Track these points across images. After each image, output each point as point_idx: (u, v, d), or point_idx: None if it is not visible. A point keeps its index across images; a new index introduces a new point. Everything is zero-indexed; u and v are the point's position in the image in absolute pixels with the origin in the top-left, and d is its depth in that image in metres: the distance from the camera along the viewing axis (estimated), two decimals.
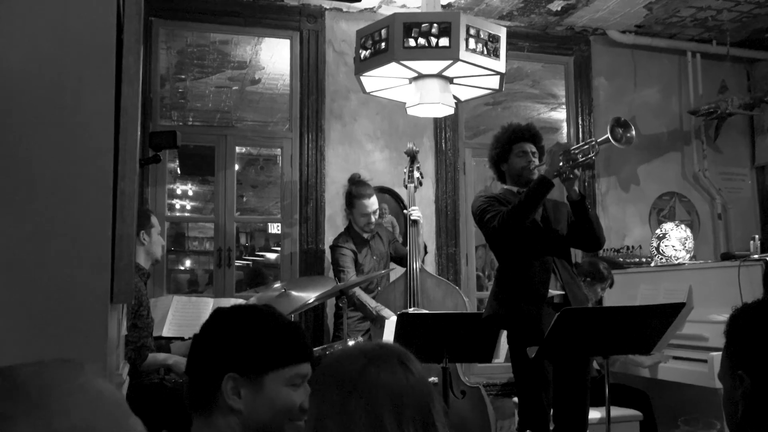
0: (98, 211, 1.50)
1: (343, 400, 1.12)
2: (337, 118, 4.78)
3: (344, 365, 1.17)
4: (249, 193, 8.96)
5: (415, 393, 1.15)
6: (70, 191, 1.48)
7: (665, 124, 5.54)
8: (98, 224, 1.50)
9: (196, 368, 1.49)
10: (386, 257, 4.28)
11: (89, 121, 1.51)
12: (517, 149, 3.31)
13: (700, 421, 2.41)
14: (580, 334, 2.82)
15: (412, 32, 3.47)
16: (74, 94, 1.50)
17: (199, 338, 1.51)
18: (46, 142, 1.48)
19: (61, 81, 1.50)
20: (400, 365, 1.17)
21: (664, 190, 5.46)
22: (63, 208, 1.48)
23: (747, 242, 4.49)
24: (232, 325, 1.48)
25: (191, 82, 5.70)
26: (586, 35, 5.34)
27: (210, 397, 1.43)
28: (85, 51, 1.51)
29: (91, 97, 1.51)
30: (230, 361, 1.43)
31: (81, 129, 1.50)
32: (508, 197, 3.25)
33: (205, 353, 1.47)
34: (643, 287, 4.32)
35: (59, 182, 1.48)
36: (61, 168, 1.48)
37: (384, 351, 1.20)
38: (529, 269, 3.13)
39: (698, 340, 3.81)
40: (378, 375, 1.14)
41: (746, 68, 5.77)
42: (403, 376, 1.16)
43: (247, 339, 1.45)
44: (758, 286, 3.59)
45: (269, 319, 1.50)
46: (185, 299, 3.96)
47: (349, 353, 1.20)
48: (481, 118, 6.20)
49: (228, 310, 1.53)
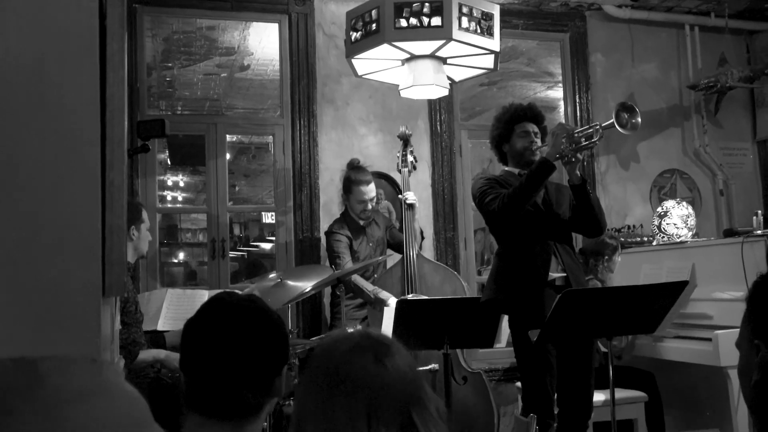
0: (87, 203, 1.47)
1: (325, 393, 1.08)
2: (329, 103, 4.69)
3: (326, 357, 1.12)
4: (241, 182, 8.89)
5: (391, 393, 1.06)
6: (56, 183, 1.45)
7: (664, 99, 5.46)
8: (87, 216, 1.47)
9: (247, 371, 1.38)
10: (383, 244, 4.21)
11: (74, 110, 1.48)
12: (519, 129, 3.25)
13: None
14: (582, 316, 2.78)
15: (403, 12, 3.42)
16: (57, 83, 1.47)
17: (234, 344, 1.40)
18: (30, 132, 1.45)
19: (43, 69, 1.46)
20: (375, 362, 1.08)
21: (664, 168, 5.39)
22: (50, 201, 1.45)
23: (750, 218, 4.41)
24: (269, 321, 1.45)
25: (178, 71, 5.60)
26: (581, 11, 5.23)
27: (262, 399, 1.39)
28: (68, 38, 1.48)
29: (75, 86, 1.48)
30: (285, 355, 1.44)
31: (66, 118, 1.47)
32: (509, 179, 3.19)
33: (258, 355, 1.39)
34: (645, 267, 4.26)
35: (45, 174, 1.45)
36: (47, 159, 1.45)
37: (366, 342, 1.12)
38: (529, 253, 3.07)
39: (702, 318, 3.75)
40: (351, 368, 1.08)
41: (746, 40, 5.67)
42: (376, 373, 1.07)
43: (283, 330, 1.46)
44: (762, 262, 3.52)
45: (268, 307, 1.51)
46: (179, 292, 3.91)
47: (330, 345, 1.16)
48: (476, 99, 6.12)
49: (246, 304, 1.46)
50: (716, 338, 3.46)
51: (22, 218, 1.42)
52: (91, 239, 1.46)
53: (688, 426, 4.12)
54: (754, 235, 3.66)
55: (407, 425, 1.05)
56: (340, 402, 1.05)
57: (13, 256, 1.41)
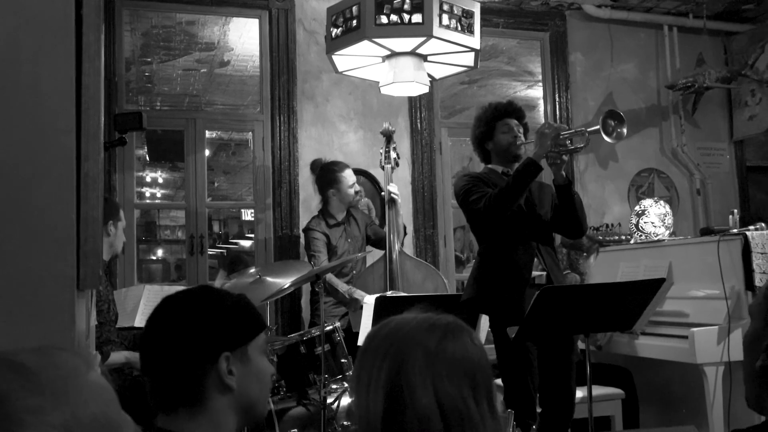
0: (61, 194, 1.45)
1: (429, 366, 1.13)
2: (309, 99, 4.67)
3: (424, 334, 1.16)
4: (221, 178, 8.83)
5: (484, 370, 1.17)
6: (30, 173, 1.43)
7: (643, 99, 5.50)
8: (61, 207, 1.45)
9: (174, 360, 1.36)
10: (361, 241, 4.19)
11: (49, 99, 1.46)
12: (501, 126, 3.23)
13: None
14: (559, 313, 2.78)
15: (384, 9, 3.41)
16: (32, 71, 1.45)
17: (165, 331, 1.38)
18: (2, 120, 1.42)
19: (18, 57, 1.44)
20: (471, 341, 1.18)
21: (642, 167, 5.44)
22: (23, 191, 1.42)
23: (726, 217, 4.46)
24: (205, 306, 1.39)
25: (157, 65, 5.54)
26: (561, 10, 5.26)
27: (199, 386, 1.34)
28: (43, 27, 1.46)
29: (51, 74, 1.46)
30: (220, 340, 1.37)
31: (41, 107, 1.45)
32: (492, 177, 3.18)
33: (186, 340, 1.36)
34: (623, 265, 4.28)
35: (19, 163, 1.42)
36: (20, 149, 1.42)
37: (456, 325, 1.20)
38: (512, 253, 3.07)
39: (679, 316, 3.77)
40: (455, 348, 1.15)
41: (723, 41, 5.73)
42: (475, 353, 1.17)
43: (227, 314, 1.40)
44: (738, 261, 3.56)
45: (227, 294, 1.46)
46: (157, 288, 3.88)
47: (422, 323, 1.20)
48: (456, 98, 6.12)
49: (182, 294, 1.43)
50: (692, 336, 3.48)
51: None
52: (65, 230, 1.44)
53: (664, 422, 4.16)
54: (731, 234, 3.69)
55: (492, 403, 1.15)
56: (446, 377, 1.12)
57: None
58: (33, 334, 1.39)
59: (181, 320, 1.37)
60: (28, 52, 1.44)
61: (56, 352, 0.77)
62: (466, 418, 1.10)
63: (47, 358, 0.75)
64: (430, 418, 1.09)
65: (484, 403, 1.13)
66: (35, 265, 1.41)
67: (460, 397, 1.11)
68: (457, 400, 1.10)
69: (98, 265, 1.55)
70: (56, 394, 0.71)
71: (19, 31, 1.44)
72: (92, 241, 1.51)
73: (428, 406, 1.09)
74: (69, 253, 1.45)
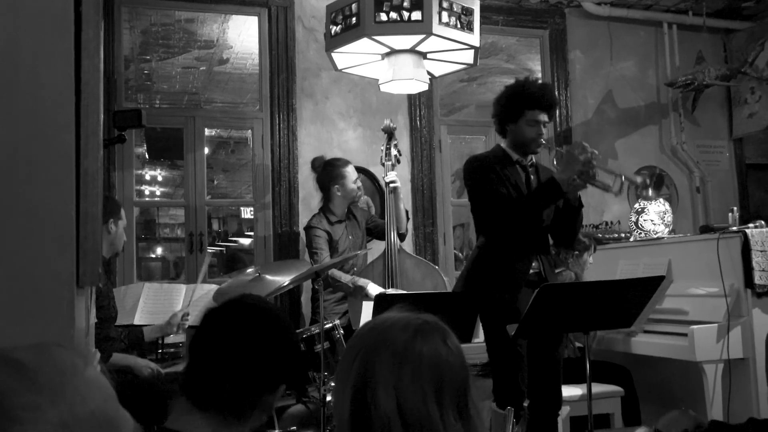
0: (60, 191, 1.45)
1: (395, 367, 1.11)
2: (309, 97, 4.67)
3: (395, 334, 1.15)
4: (220, 176, 8.84)
5: (455, 372, 1.14)
6: (29, 170, 1.43)
7: (642, 97, 5.50)
8: (61, 204, 1.45)
9: (242, 380, 1.42)
10: (362, 239, 4.19)
11: (48, 96, 1.45)
12: (529, 116, 3.04)
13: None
14: (559, 311, 2.78)
15: (383, 6, 3.41)
16: (31, 68, 1.45)
17: (240, 349, 1.43)
18: (1, 119, 1.42)
19: (17, 54, 1.44)
20: (442, 342, 1.15)
21: (642, 164, 5.43)
22: (23, 188, 1.42)
23: (725, 215, 4.45)
24: (283, 338, 1.49)
25: (157, 63, 5.55)
26: (561, 7, 5.26)
27: (251, 408, 1.43)
28: (42, 24, 1.46)
29: (49, 71, 1.46)
30: (285, 372, 1.47)
31: (40, 104, 1.44)
32: (504, 162, 3.11)
33: (261, 367, 1.44)
34: (622, 263, 4.29)
35: (18, 161, 1.42)
36: (20, 146, 1.42)
37: (429, 326, 1.18)
38: (511, 254, 3.06)
39: (678, 314, 3.77)
40: (422, 348, 1.13)
41: (723, 39, 5.73)
42: (445, 354, 1.14)
43: (293, 349, 1.51)
44: (737, 259, 3.56)
45: (291, 327, 1.55)
46: (156, 286, 3.88)
47: (396, 322, 1.18)
48: (456, 95, 6.12)
49: (260, 316, 1.49)
50: (692, 333, 3.48)
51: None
52: (64, 227, 1.44)
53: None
54: (730, 232, 3.69)
55: (463, 407, 1.12)
56: (409, 379, 1.09)
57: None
58: (32, 331, 1.39)
59: (259, 347, 1.43)
60: (27, 48, 1.44)
61: (54, 349, 0.77)
62: (426, 423, 1.06)
63: (45, 355, 0.75)
64: (391, 420, 1.06)
65: (450, 407, 1.10)
66: (35, 262, 1.41)
67: (422, 401, 1.08)
68: (418, 403, 1.07)
69: (98, 262, 1.55)
70: (54, 391, 0.70)
71: (18, 28, 1.43)
72: (92, 238, 1.51)
73: (389, 408, 1.06)
74: (68, 250, 1.45)
